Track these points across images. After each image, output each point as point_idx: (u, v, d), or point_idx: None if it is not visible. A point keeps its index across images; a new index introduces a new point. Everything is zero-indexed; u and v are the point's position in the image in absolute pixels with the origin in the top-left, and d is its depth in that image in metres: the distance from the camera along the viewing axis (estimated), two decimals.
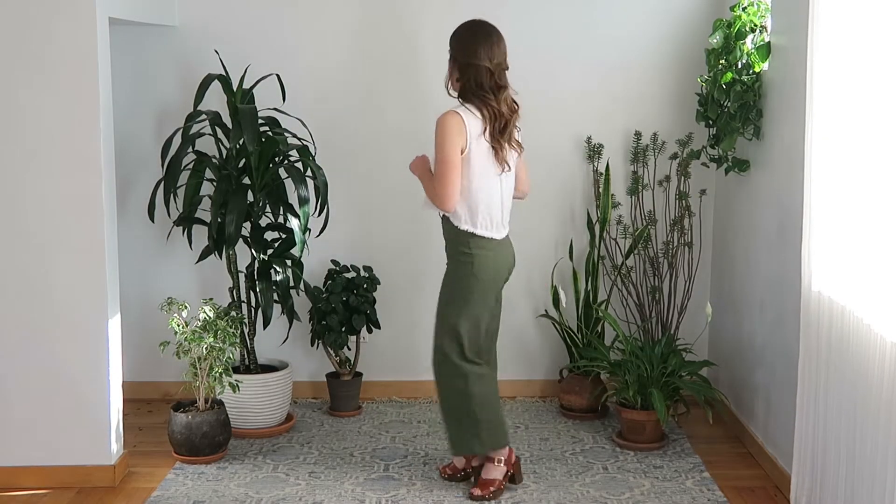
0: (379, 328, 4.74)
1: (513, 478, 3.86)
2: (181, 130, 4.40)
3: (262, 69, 4.56)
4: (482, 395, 3.76)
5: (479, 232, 3.68)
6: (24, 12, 3.69)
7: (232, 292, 4.53)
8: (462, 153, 3.59)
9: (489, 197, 3.67)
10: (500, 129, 3.64)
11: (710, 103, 4.39)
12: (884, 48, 2.84)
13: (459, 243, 3.71)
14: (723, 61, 4.32)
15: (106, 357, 3.87)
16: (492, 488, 3.76)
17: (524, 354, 5.03)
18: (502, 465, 3.81)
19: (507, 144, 3.67)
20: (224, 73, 4.45)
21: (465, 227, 3.68)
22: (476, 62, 3.61)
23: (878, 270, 2.87)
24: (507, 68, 3.70)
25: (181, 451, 4.13)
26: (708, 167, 4.72)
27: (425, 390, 4.89)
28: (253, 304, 4.56)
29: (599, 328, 4.77)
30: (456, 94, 3.70)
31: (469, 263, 3.70)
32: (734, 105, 4.20)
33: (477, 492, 3.77)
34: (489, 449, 3.80)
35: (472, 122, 3.60)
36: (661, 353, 4.35)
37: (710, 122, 4.45)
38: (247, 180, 4.43)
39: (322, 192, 4.43)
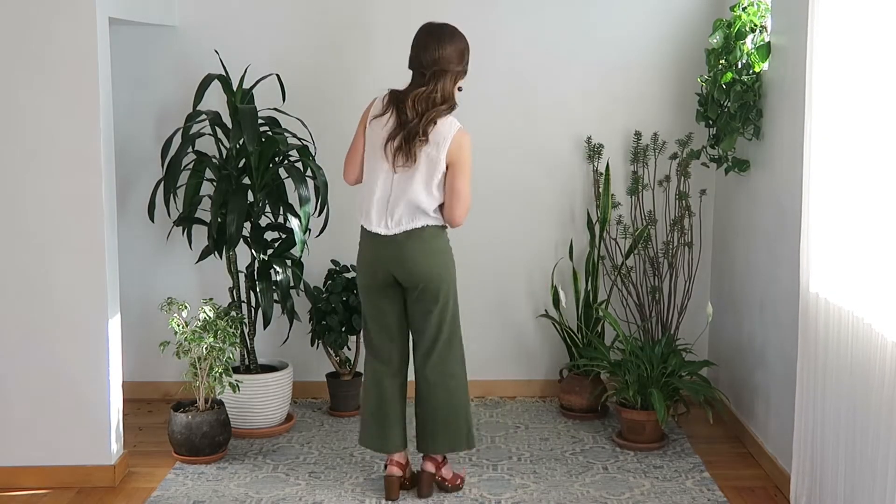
0: None
1: (418, 488, 3.81)
2: (181, 130, 4.40)
3: (262, 69, 4.57)
4: (366, 392, 3.85)
5: (361, 219, 3.71)
6: (24, 12, 3.69)
7: (232, 292, 4.53)
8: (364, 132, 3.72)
9: (373, 183, 3.65)
10: (399, 120, 3.58)
11: (710, 103, 4.39)
12: (884, 48, 2.84)
13: None
14: (723, 61, 4.32)
15: (106, 357, 3.87)
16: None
17: (524, 354, 5.03)
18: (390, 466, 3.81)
19: (408, 137, 3.55)
20: (224, 73, 4.45)
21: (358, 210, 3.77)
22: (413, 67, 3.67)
23: (877, 270, 2.87)
24: (446, 68, 3.57)
25: (181, 451, 4.13)
26: (708, 167, 4.72)
27: None
28: (253, 304, 4.55)
29: (599, 328, 4.77)
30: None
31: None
32: (734, 105, 4.20)
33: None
34: (367, 447, 3.90)
35: (376, 105, 3.69)
36: (661, 353, 4.35)
37: (710, 122, 4.45)
38: (247, 180, 4.43)
39: (322, 192, 4.43)
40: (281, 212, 4.53)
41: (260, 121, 4.38)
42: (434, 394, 3.75)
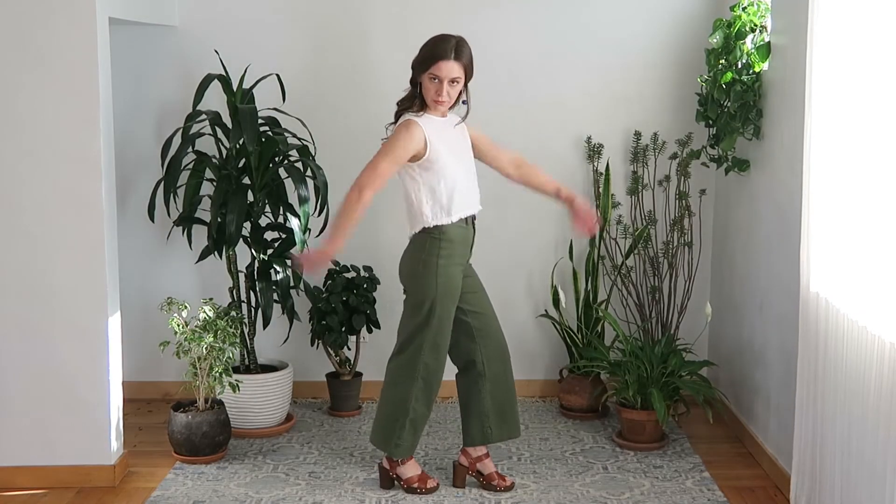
0: (379, 328, 4.74)
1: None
2: (181, 130, 4.40)
3: (262, 69, 4.57)
4: None
5: None
6: (24, 12, 3.69)
7: (232, 292, 4.53)
8: None
9: None
10: None
11: (710, 103, 4.39)
12: (883, 48, 2.84)
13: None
14: (723, 61, 4.32)
15: (106, 357, 3.87)
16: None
17: (524, 354, 5.03)
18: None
19: None
20: (224, 73, 4.45)
21: None
22: None
23: (876, 271, 2.87)
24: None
25: (181, 451, 4.13)
26: (708, 167, 4.72)
27: None
28: (253, 304, 4.56)
29: (599, 328, 4.77)
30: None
31: None
32: (734, 105, 4.20)
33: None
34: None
35: None
36: (661, 353, 4.35)
37: (710, 122, 4.45)
38: (247, 180, 4.43)
39: (322, 192, 4.44)
40: (281, 212, 4.53)
41: (260, 121, 4.38)
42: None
